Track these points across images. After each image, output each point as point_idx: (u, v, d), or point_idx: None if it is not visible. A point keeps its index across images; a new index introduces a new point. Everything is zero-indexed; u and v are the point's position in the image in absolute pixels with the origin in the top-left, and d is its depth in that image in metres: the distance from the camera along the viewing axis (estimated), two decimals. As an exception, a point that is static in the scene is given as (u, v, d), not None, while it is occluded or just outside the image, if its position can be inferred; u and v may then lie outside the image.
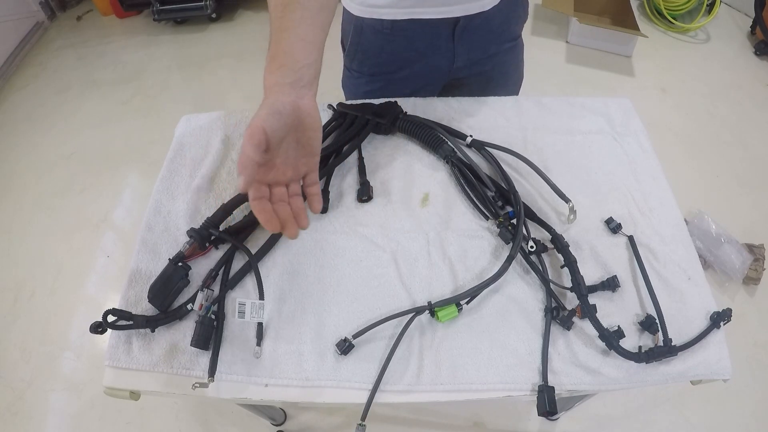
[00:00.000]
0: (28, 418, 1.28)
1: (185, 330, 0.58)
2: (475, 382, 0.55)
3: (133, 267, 0.64)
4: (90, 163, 1.89)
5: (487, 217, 0.67)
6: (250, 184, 0.46)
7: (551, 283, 0.60)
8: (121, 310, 0.56)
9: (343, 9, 0.80)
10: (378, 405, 0.54)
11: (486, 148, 0.73)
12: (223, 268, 0.63)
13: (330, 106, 0.78)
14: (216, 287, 0.61)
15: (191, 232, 0.63)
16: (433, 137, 0.73)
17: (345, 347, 0.56)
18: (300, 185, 0.54)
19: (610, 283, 0.60)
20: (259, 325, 0.58)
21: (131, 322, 0.56)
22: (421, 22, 0.74)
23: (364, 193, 0.69)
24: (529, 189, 0.71)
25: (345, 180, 0.72)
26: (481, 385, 0.55)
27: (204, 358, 0.57)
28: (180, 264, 0.60)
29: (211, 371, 0.55)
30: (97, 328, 0.54)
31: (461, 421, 1.23)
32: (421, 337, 0.58)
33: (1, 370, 1.36)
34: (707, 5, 2.27)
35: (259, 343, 0.57)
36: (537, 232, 0.66)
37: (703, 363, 0.57)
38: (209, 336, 0.56)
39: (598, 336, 0.56)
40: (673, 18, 2.30)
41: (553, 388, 0.54)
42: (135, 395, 0.57)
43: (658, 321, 0.57)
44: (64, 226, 1.69)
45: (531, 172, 0.70)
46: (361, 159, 0.73)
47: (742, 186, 1.69)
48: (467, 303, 0.60)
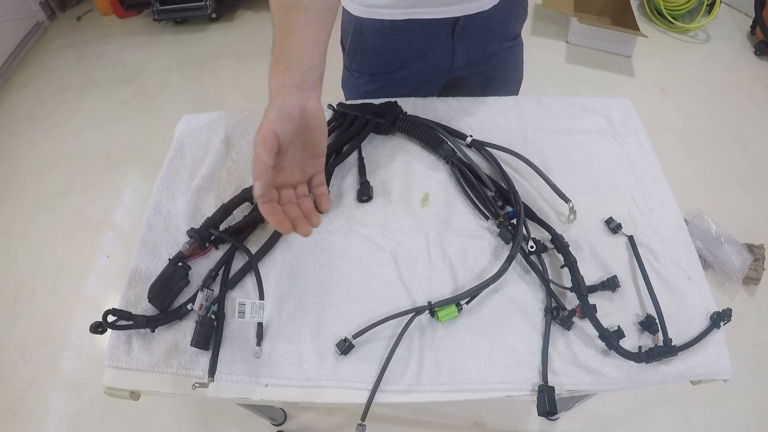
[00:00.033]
0: (28, 418, 1.28)
1: (185, 330, 0.59)
2: (475, 382, 0.55)
3: (133, 267, 0.64)
4: (90, 163, 1.89)
5: (487, 217, 0.67)
6: (266, 189, 0.46)
7: (551, 283, 0.60)
8: (121, 310, 0.56)
9: (343, 9, 0.80)
10: (378, 405, 0.54)
11: (486, 148, 0.73)
12: (223, 268, 0.63)
13: (330, 106, 0.78)
14: (216, 287, 0.61)
15: (191, 232, 0.63)
16: (433, 137, 0.73)
17: (345, 347, 0.56)
18: (307, 187, 0.54)
19: (610, 283, 0.60)
20: (259, 325, 0.58)
21: (131, 322, 0.56)
22: (420, 22, 0.74)
23: (364, 193, 0.69)
24: (529, 189, 0.71)
25: (345, 180, 0.72)
26: (481, 385, 0.55)
27: (204, 358, 0.57)
28: (180, 264, 0.60)
29: (211, 371, 0.55)
30: (97, 328, 0.54)
31: (461, 421, 1.23)
32: (421, 337, 0.58)
33: (1, 370, 1.36)
34: (707, 5, 2.27)
35: (259, 343, 0.57)
36: (537, 232, 0.66)
37: (703, 363, 0.57)
38: (209, 336, 0.56)
39: (598, 336, 0.56)
40: (673, 18, 2.30)
41: (553, 388, 0.54)
42: (135, 395, 0.57)
43: (658, 321, 0.57)
44: (64, 226, 1.69)
45: (531, 172, 0.70)
46: (361, 159, 0.73)
47: (742, 186, 1.69)
48: (467, 303, 0.60)
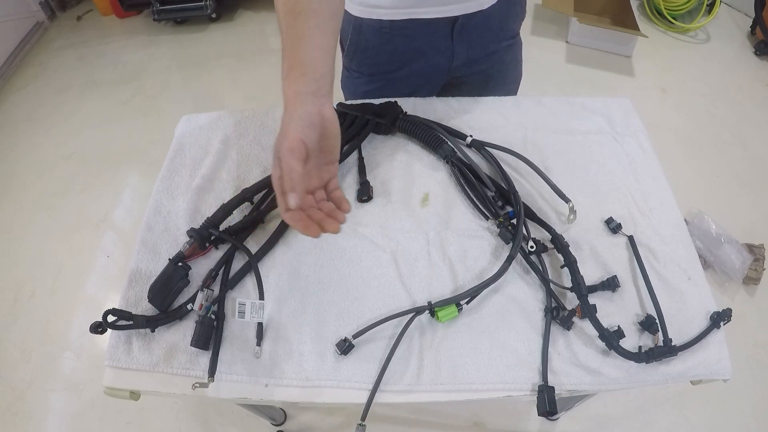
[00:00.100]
0: (28, 418, 1.28)
1: (185, 330, 0.59)
2: (475, 382, 0.55)
3: (133, 267, 0.64)
4: (90, 163, 1.89)
5: (487, 217, 0.67)
6: (302, 199, 0.46)
7: (551, 283, 0.60)
8: (121, 310, 0.56)
9: (343, 9, 0.79)
10: (378, 405, 0.54)
11: (486, 148, 0.73)
12: (223, 268, 0.63)
13: (330, 106, 0.78)
14: (216, 287, 0.61)
15: (191, 232, 0.63)
16: (433, 137, 0.73)
17: (345, 347, 0.56)
18: (324, 192, 0.53)
19: (610, 283, 0.60)
20: (259, 325, 0.58)
21: (131, 322, 0.56)
22: (420, 22, 0.74)
23: (364, 193, 0.69)
24: (529, 189, 0.71)
25: (345, 180, 0.72)
26: (481, 385, 0.55)
27: (204, 358, 0.57)
28: (180, 264, 0.60)
29: (211, 371, 0.55)
30: (97, 328, 0.54)
31: (461, 421, 1.23)
32: (421, 337, 0.58)
33: (1, 370, 1.36)
34: (707, 5, 2.26)
35: (259, 343, 0.57)
36: (537, 232, 0.66)
37: (703, 363, 0.57)
38: (209, 336, 0.56)
39: (598, 336, 0.56)
40: (673, 18, 2.30)
41: (553, 388, 0.54)
42: (135, 395, 0.57)
43: (658, 321, 0.57)
44: (64, 226, 1.69)
45: (531, 172, 0.70)
46: (361, 159, 0.73)
47: (742, 186, 1.69)
48: (467, 303, 0.60)
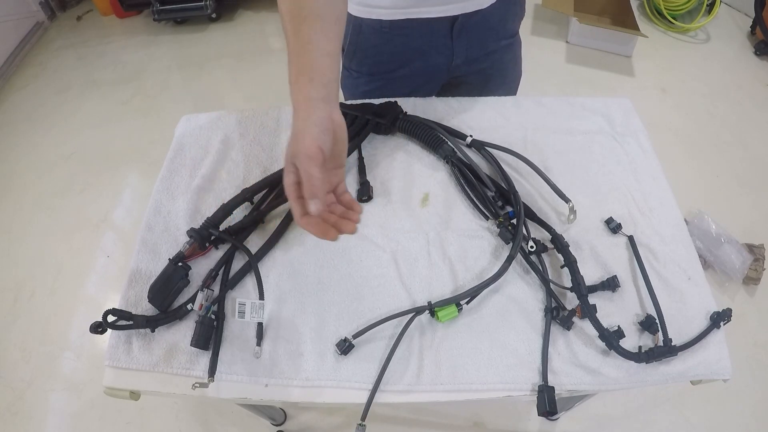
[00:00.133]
0: (28, 418, 1.28)
1: (185, 330, 0.59)
2: (475, 382, 0.55)
3: (133, 267, 0.64)
4: (90, 163, 1.89)
5: (487, 217, 0.67)
6: (323, 204, 0.46)
7: (551, 283, 0.60)
8: (121, 310, 0.56)
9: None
10: (378, 405, 0.54)
11: (486, 148, 0.73)
12: (223, 268, 0.63)
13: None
14: (216, 287, 0.61)
15: (191, 232, 0.63)
16: (433, 137, 0.73)
17: (345, 347, 0.56)
18: (333, 196, 0.53)
19: (610, 283, 0.60)
20: (259, 325, 0.58)
21: (131, 322, 0.56)
22: (419, 21, 0.74)
23: (364, 193, 0.69)
24: (529, 189, 0.71)
25: (345, 180, 0.72)
26: (481, 385, 0.55)
27: (204, 358, 0.57)
28: (180, 264, 0.60)
29: (211, 371, 0.55)
30: (97, 328, 0.54)
31: (461, 421, 1.23)
32: (421, 337, 0.58)
33: (1, 370, 1.36)
34: (707, 5, 2.26)
35: (259, 343, 0.57)
36: (537, 232, 0.66)
37: (703, 363, 0.57)
38: (209, 336, 0.56)
39: (598, 336, 0.56)
40: (673, 18, 2.30)
41: (553, 388, 0.54)
42: (135, 395, 0.57)
43: (658, 321, 0.57)
44: (64, 226, 1.69)
45: (531, 172, 0.70)
46: (361, 159, 0.73)
47: (742, 186, 1.69)
48: (467, 303, 0.60)
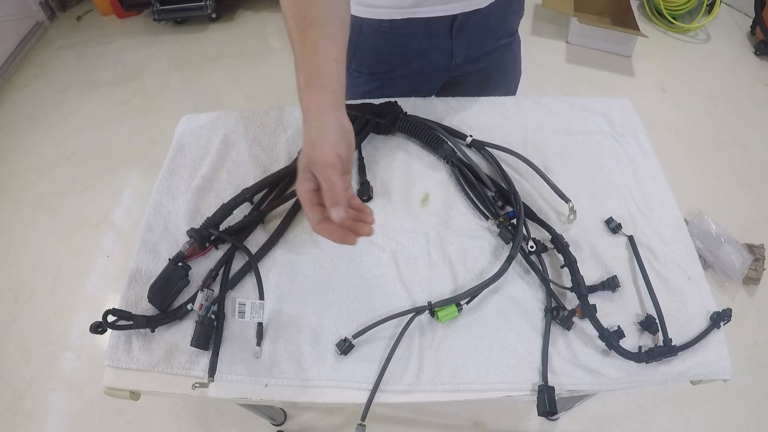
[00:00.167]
0: (28, 418, 1.28)
1: (185, 330, 0.59)
2: (475, 382, 0.55)
3: (133, 267, 0.64)
4: (90, 163, 1.89)
5: (487, 217, 0.67)
6: (346, 212, 0.46)
7: (551, 283, 0.60)
8: (121, 310, 0.56)
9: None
10: (378, 405, 0.54)
11: (486, 148, 0.73)
12: (223, 268, 0.63)
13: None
14: (216, 287, 0.61)
15: (191, 232, 0.63)
16: (433, 137, 0.73)
17: (345, 347, 0.56)
18: None
19: (610, 283, 0.60)
20: (259, 325, 0.58)
21: (131, 322, 0.56)
22: (419, 21, 0.74)
23: (364, 193, 0.69)
24: (529, 189, 0.71)
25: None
26: (481, 385, 0.55)
27: (204, 358, 0.57)
28: (180, 264, 0.60)
29: (211, 371, 0.55)
30: (97, 328, 0.54)
31: (461, 421, 1.23)
32: (421, 337, 0.58)
33: (1, 370, 1.36)
34: (707, 5, 2.26)
35: (259, 343, 0.57)
36: (537, 232, 0.66)
37: (703, 363, 0.57)
38: (209, 336, 0.56)
39: (598, 336, 0.56)
40: (673, 18, 2.30)
41: (553, 388, 0.54)
42: (135, 395, 0.57)
43: (658, 321, 0.57)
44: (64, 226, 1.69)
45: (531, 172, 0.70)
46: (361, 159, 0.73)
47: (742, 186, 1.69)
48: (467, 303, 0.60)
